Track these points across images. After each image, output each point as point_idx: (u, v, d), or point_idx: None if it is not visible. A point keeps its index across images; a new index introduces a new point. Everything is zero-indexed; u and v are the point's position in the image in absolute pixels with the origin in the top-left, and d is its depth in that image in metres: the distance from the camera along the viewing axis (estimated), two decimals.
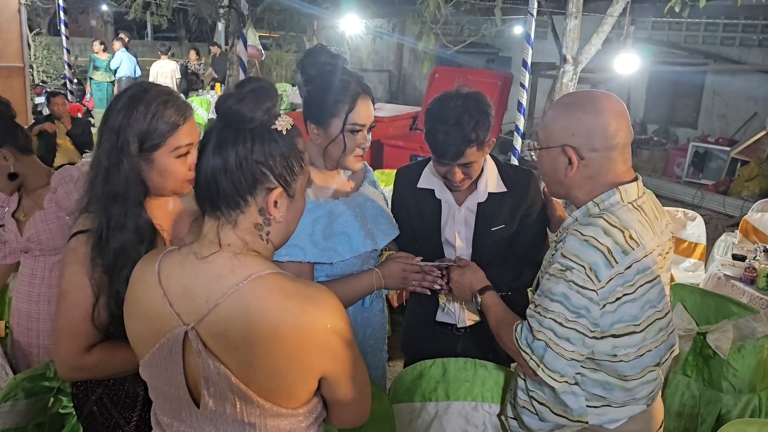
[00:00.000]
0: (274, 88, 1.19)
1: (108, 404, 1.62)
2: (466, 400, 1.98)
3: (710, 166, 9.54)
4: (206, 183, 1.15)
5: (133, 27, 19.06)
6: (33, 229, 2.31)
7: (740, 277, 3.58)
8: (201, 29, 14.26)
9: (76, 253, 1.51)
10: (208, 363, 1.11)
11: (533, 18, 5.37)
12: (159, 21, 12.66)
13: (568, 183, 1.58)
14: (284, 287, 1.13)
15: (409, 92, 14.89)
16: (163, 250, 1.24)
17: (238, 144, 1.12)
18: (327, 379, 1.17)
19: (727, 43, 10.37)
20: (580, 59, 5.96)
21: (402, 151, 7.93)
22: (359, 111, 1.79)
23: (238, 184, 1.13)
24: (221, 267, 1.14)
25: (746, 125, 9.95)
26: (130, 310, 1.26)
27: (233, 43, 7.57)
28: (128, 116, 1.50)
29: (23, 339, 2.38)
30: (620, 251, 1.46)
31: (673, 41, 10.84)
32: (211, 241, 1.17)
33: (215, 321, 1.11)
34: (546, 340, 1.50)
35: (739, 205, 7.86)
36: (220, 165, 1.13)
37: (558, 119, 1.57)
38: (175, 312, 1.15)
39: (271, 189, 1.16)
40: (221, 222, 1.17)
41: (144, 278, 1.22)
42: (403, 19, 8.45)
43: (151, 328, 1.19)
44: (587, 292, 1.46)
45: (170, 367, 1.17)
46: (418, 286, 1.90)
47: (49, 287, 2.36)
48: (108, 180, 1.50)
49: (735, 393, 2.65)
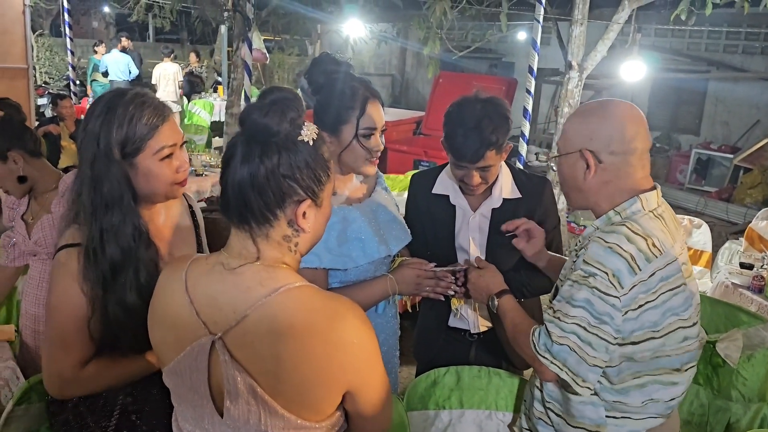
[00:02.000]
0: (299, 98, 1.18)
1: (84, 412, 1.57)
2: (480, 409, 1.97)
3: (713, 173, 9.55)
4: (234, 197, 1.14)
5: (135, 29, 19.06)
6: (40, 232, 2.32)
7: (748, 285, 3.58)
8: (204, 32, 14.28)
9: (65, 268, 1.47)
10: (234, 373, 1.11)
11: (539, 24, 5.38)
12: (161, 23, 12.68)
13: (587, 189, 1.58)
14: (313, 301, 1.12)
15: (412, 97, 14.90)
16: (190, 258, 1.23)
17: (265, 158, 1.12)
18: (352, 392, 1.16)
19: (730, 50, 10.40)
20: (586, 66, 5.96)
21: (406, 156, 7.94)
22: (370, 115, 1.80)
23: (267, 199, 1.13)
24: (250, 279, 1.14)
25: (749, 132, 9.96)
26: (155, 317, 1.25)
27: (238, 47, 7.56)
28: (106, 122, 1.45)
29: (31, 342, 2.38)
30: (643, 258, 1.46)
31: (677, 48, 10.86)
32: (239, 253, 1.17)
33: (242, 332, 1.11)
34: (569, 344, 1.49)
35: (742, 213, 7.87)
36: (248, 180, 1.12)
37: (576, 125, 1.59)
38: (202, 321, 1.15)
39: (300, 201, 1.15)
40: (250, 235, 1.16)
41: (170, 286, 1.21)
42: (408, 23, 8.45)
43: (177, 336, 1.18)
44: (610, 298, 1.46)
45: (195, 375, 1.16)
46: (431, 292, 1.90)
47: None
48: (97, 188, 1.45)
49: (744, 402, 2.65)
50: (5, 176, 2.33)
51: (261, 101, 1.15)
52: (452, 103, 2.02)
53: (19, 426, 1.85)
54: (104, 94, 1.52)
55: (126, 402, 1.58)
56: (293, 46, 13.75)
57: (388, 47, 13.65)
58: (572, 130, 1.59)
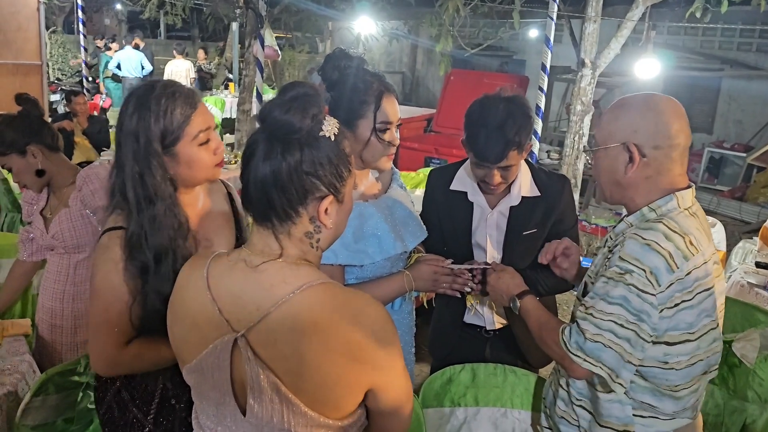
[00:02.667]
0: (319, 93, 1.17)
1: (126, 398, 1.63)
2: (496, 406, 1.97)
3: (725, 172, 9.48)
4: (256, 195, 1.14)
5: (146, 26, 19.15)
6: (58, 226, 2.33)
7: (764, 284, 3.55)
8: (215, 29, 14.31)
9: (109, 252, 1.52)
10: (257, 371, 1.11)
11: (552, 21, 5.35)
12: (173, 20, 12.72)
13: (626, 183, 1.55)
14: (336, 298, 1.12)
15: (423, 94, 14.88)
16: (210, 255, 1.23)
17: (287, 156, 1.11)
18: (374, 390, 1.16)
19: (744, 48, 10.31)
20: (599, 63, 5.93)
21: (417, 153, 7.93)
22: (385, 109, 1.79)
23: (289, 197, 1.12)
24: (273, 276, 1.13)
25: (762, 131, 9.88)
26: (176, 314, 1.25)
27: (250, 44, 7.57)
28: (142, 118, 1.50)
29: (47, 336, 2.40)
30: (681, 256, 1.44)
31: (690, 47, 10.79)
32: (262, 251, 1.16)
33: (265, 330, 1.11)
34: (604, 342, 1.47)
35: (755, 212, 7.80)
36: (270, 178, 1.12)
37: (619, 118, 1.55)
38: (225, 318, 1.15)
39: (322, 198, 1.15)
40: (272, 232, 1.16)
41: (192, 283, 1.21)
42: (419, 21, 8.44)
43: (200, 334, 1.18)
44: (647, 296, 1.44)
45: (217, 372, 1.16)
46: (448, 288, 1.89)
47: (74, 285, 2.39)
48: (143, 183, 1.51)
49: (761, 403, 2.62)
50: (24, 170, 2.35)
51: (281, 97, 1.14)
52: (474, 101, 2.00)
53: (36, 417, 1.87)
54: (133, 92, 1.56)
55: (166, 388, 1.63)
56: (304, 44, 13.78)
57: (398, 45, 13.63)
58: (615, 122, 1.56)
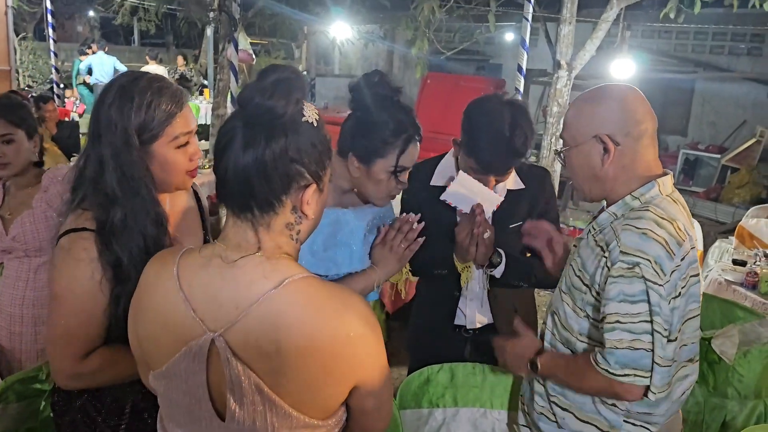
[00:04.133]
0: (301, 77, 1.11)
1: (92, 412, 1.52)
2: (475, 407, 1.93)
3: (701, 173, 9.59)
4: (236, 185, 1.06)
5: (119, 32, 18.96)
6: (20, 228, 2.25)
7: (741, 282, 3.56)
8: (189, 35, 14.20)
9: (73, 254, 1.40)
10: (238, 372, 1.04)
11: (528, 23, 5.36)
12: (147, 26, 12.60)
13: (604, 175, 1.52)
14: (319, 293, 1.07)
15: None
16: (178, 251, 1.15)
17: (272, 142, 1.04)
18: (359, 388, 1.10)
19: (716, 51, 10.47)
20: (575, 65, 5.96)
21: None
22: (409, 155, 1.67)
23: (273, 185, 1.06)
24: (252, 272, 1.07)
25: (736, 132, 10.03)
26: (142, 317, 1.17)
27: (224, 48, 7.50)
28: (121, 108, 1.40)
29: (6, 344, 2.31)
30: (675, 243, 1.41)
31: (663, 49, 10.93)
32: (239, 245, 1.09)
33: (246, 329, 1.04)
34: (645, 347, 1.37)
35: (730, 212, 7.89)
36: (253, 166, 1.04)
37: (583, 113, 1.53)
38: (199, 319, 1.07)
39: (306, 186, 1.09)
40: (251, 224, 1.09)
41: (160, 282, 1.13)
42: (395, 25, 8.44)
43: (170, 336, 1.10)
44: (658, 287, 1.38)
45: (191, 377, 1.09)
46: (407, 248, 1.72)
47: (34, 290, 2.30)
48: (124, 175, 1.41)
49: (740, 399, 2.62)
50: (22, 152, 2.27)
51: (262, 82, 1.07)
52: (473, 103, 1.95)
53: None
54: (116, 80, 1.46)
55: (136, 399, 1.52)
56: (279, 50, 13.71)
57: (374, 49, 13.65)
58: (580, 118, 1.54)
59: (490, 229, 1.90)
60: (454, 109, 8.15)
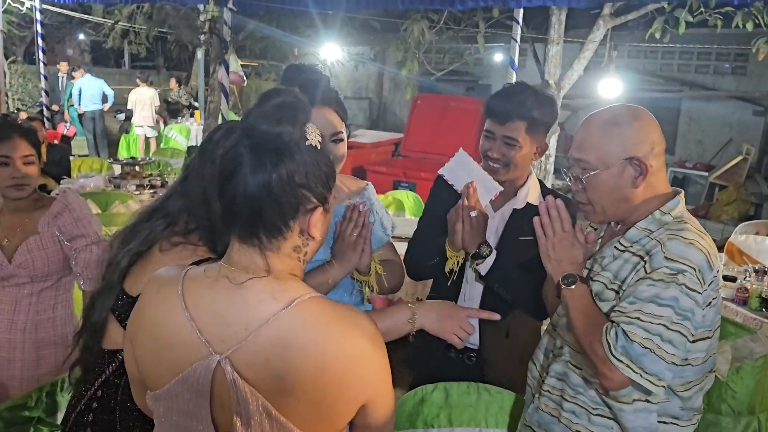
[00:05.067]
0: (303, 100, 1.11)
1: None
2: (470, 426, 1.91)
3: (689, 191, 9.66)
4: (245, 211, 1.06)
5: (110, 56, 19.01)
6: (26, 254, 2.23)
7: (732, 297, 3.56)
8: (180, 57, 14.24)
9: None
10: (245, 394, 1.03)
11: (516, 44, 5.42)
12: (137, 49, 12.64)
13: (634, 197, 1.54)
14: (327, 313, 1.07)
15: (390, 120, 14.96)
16: (180, 271, 1.15)
17: (280, 168, 1.04)
18: (366, 407, 1.10)
19: (702, 70, 10.61)
20: (563, 84, 6.03)
21: (385, 177, 7.92)
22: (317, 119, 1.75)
23: (282, 211, 1.06)
24: (260, 292, 1.06)
25: (722, 150, 10.13)
26: (142, 336, 1.15)
27: (215, 69, 7.54)
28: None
29: (3, 372, 2.27)
30: (714, 256, 1.47)
31: (649, 69, 11.06)
32: (247, 268, 1.09)
33: (254, 350, 1.04)
34: (653, 347, 1.40)
35: (719, 229, 7.94)
36: (263, 192, 1.04)
37: (612, 135, 1.54)
38: (204, 340, 1.06)
39: (313, 209, 1.09)
40: (258, 249, 1.09)
41: (162, 301, 1.12)
42: (385, 47, 8.52)
43: (172, 357, 1.09)
44: (695, 294, 1.42)
45: (195, 399, 1.07)
46: (358, 234, 1.70)
47: (36, 313, 2.30)
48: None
49: (734, 416, 2.61)
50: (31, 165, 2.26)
51: (265, 106, 1.07)
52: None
53: None
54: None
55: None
56: (270, 72, 13.75)
57: (365, 71, 13.73)
58: (610, 140, 1.53)
59: (481, 212, 1.90)
60: (444, 129, 8.20)
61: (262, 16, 8.49)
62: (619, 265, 1.55)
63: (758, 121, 9.68)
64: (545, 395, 1.67)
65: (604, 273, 1.58)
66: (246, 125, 1.07)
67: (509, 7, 5.02)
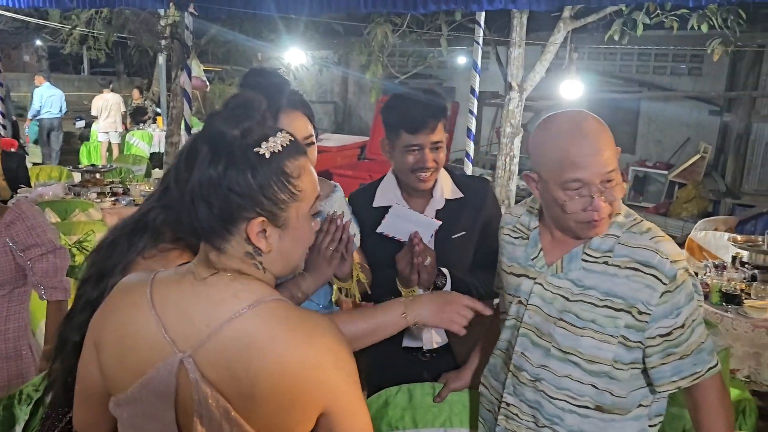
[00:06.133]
0: (259, 104, 1.08)
1: None
2: (435, 427, 1.90)
3: (650, 190, 9.86)
4: (186, 206, 1.06)
5: (69, 62, 18.62)
6: None
7: None
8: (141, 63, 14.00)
9: None
10: (206, 394, 1.00)
11: (479, 46, 5.46)
12: (97, 55, 12.37)
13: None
14: (290, 316, 1.05)
15: (355, 123, 14.94)
16: (150, 274, 1.12)
17: (212, 168, 1.03)
18: (327, 415, 1.06)
19: (659, 72, 10.83)
20: (525, 86, 6.09)
21: (351, 180, 7.91)
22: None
23: (214, 212, 1.04)
24: (222, 290, 1.05)
25: (681, 149, 10.35)
26: (107, 338, 1.12)
27: (177, 75, 7.42)
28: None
29: None
30: None
31: (609, 71, 11.25)
32: (208, 264, 1.08)
33: (216, 349, 1.02)
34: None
35: (679, 226, 8.11)
36: (197, 190, 1.03)
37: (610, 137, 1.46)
38: (170, 339, 1.04)
39: (250, 219, 1.05)
40: (205, 246, 1.08)
41: (130, 301, 1.10)
42: (349, 50, 8.51)
43: (137, 358, 1.07)
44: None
45: (159, 401, 1.04)
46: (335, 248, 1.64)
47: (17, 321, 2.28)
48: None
49: None
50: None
51: (225, 106, 1.07)
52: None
53: None
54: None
55: None
56: (233, 77, 13.62)
57: (329, 75, 13.71)
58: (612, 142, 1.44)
59: (431, 255, 1.86)
60: None
61: (225, 20, 8.41)
62: (604, 279, 1.48)
63: (714, 120, 9.91)
64: (514, 419, 1.62)
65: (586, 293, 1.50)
66: (205, 123, 1.08)
67: (471, 10, 5.05)
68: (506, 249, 1.69)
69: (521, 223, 1.66)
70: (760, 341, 3.25)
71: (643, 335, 1.45)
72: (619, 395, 1.49)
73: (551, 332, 1.52)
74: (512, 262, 1.65)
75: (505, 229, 1.71)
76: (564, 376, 1.51)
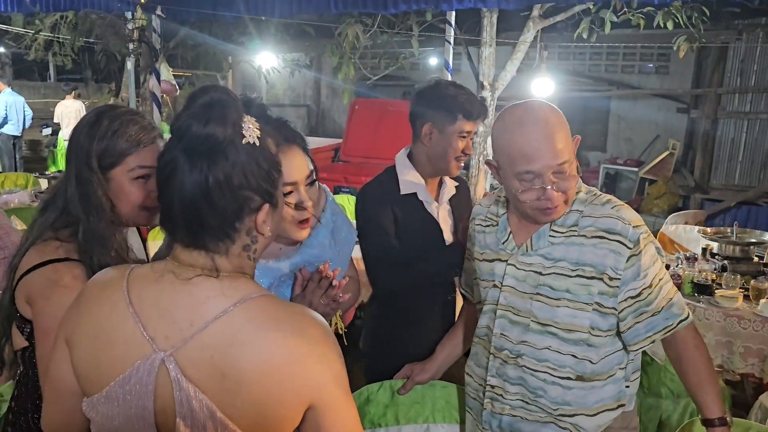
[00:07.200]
0: (234, 97, 1.05)
1: None
2: (418, 423, 1.89)
3: (621, 187, 10.01)
4: (184, 217, 1.02)
5: (34, 68, 18.25)
6: None
7: None
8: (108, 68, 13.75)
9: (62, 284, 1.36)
10: (189, 394, 0.98)
11: (450, 45, 5.48)
12: (62, 61, 12.14)
13: None
14: (278, 311, 1.03)
15: (329, 126, 14.91)
16: (126, 268, 1.09)
17: (215, 171, 1.00)
18: (315, 410, 1.04)
19: (628, 70, 11.02)
20: (497, 85, 6.13)
21: (326, 183, 7.84)
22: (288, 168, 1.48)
23: (224, 214, 1.02)
24: (208, 289, 1.02)
25: (650, 147, 10.53)
26: (81, 336, 1.08)
27: (145, 79, 7.32)
28: (89, 132, 1.45)
29: None
30: None
31: (579, 70, 11.41)
32: (193, 265, 1.05)
33: (200, 347, 0.99)
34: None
35: (651, 222, 8.23)
36: (200, 198, 1.00)
37: (565, 126, 1.53)
38: (149, 337, 1.01)
39: (258, 208, 1.05)
40: (205, 253, 1.05)
41: (105, 297, 1.07)
42: (321, 52, 8.48)
43: (113, 356, 1.03)
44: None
45: (137, 400, 1.01)
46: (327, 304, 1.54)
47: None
48: (82, 196, 1.42)
49: (674, 398, 2.68)
50: None
51: (193, 106, 1.02)
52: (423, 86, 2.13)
53: None
54: (95, 108, 1.52)
55: None
56: (204, 81, 13.49)
57: (302, 78, 13.65)
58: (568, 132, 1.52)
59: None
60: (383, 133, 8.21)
61: (193, 23, 8.31)
62: (573, 249, 1.54)
63: (682, 117, 10.11)
64: (498, 400, 1.64)
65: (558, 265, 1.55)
66: (175, 128, 1.02)
67: (441, 9, 5.07)
68: (477, 238, 1.74)
69: (491, 212, 1.72)
70: (732, 330, 3.30)
71: (616, 300, 1.52)
72: (597, 362, 1.55)
73: (529, 308, 1.58)
74: (484, 249, 1.70)
75: (477, 219, 1.77)
76: (543, 348, 1.56)
